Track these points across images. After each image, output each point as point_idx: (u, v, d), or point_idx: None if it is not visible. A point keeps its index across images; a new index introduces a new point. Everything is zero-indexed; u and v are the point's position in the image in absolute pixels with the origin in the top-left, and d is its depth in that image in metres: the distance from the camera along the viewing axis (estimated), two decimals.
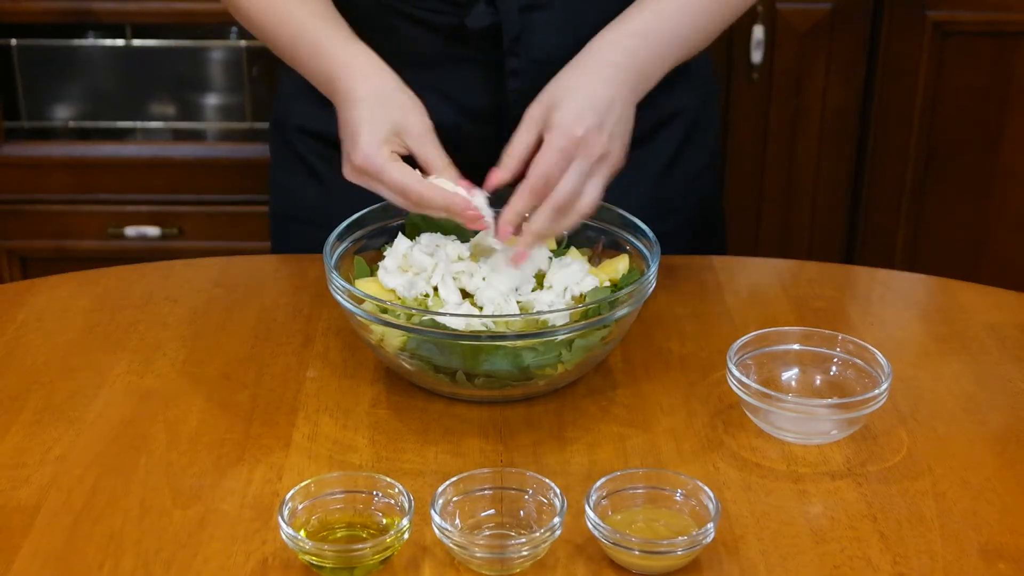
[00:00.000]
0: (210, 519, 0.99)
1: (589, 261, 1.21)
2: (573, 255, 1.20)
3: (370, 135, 1.14)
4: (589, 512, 0.93)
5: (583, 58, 1.18)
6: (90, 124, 2.48)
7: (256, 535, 0.98)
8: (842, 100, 2.35)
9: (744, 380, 1.08)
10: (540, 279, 1.17)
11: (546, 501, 0.96)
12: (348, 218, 1.21)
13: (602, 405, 1.14)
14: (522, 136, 1.15)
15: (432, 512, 0.93)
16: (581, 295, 1.15)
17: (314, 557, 0.92)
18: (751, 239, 2.46)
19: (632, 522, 0.96)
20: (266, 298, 1.32)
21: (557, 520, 0.93)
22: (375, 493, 0.97)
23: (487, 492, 0.98)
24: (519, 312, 1.11)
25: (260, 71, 2.42)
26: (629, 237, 1.22)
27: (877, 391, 1.06)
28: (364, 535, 0.96)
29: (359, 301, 1.11)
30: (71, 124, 2.48)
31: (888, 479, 1.04)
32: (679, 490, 0.98)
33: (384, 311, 1.09)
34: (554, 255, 1.20)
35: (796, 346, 1.15)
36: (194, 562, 0.95)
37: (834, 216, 2.45)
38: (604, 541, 0.93)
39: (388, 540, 0.92)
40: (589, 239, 1.23)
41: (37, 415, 1.13)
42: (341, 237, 1.20)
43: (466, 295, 1.15)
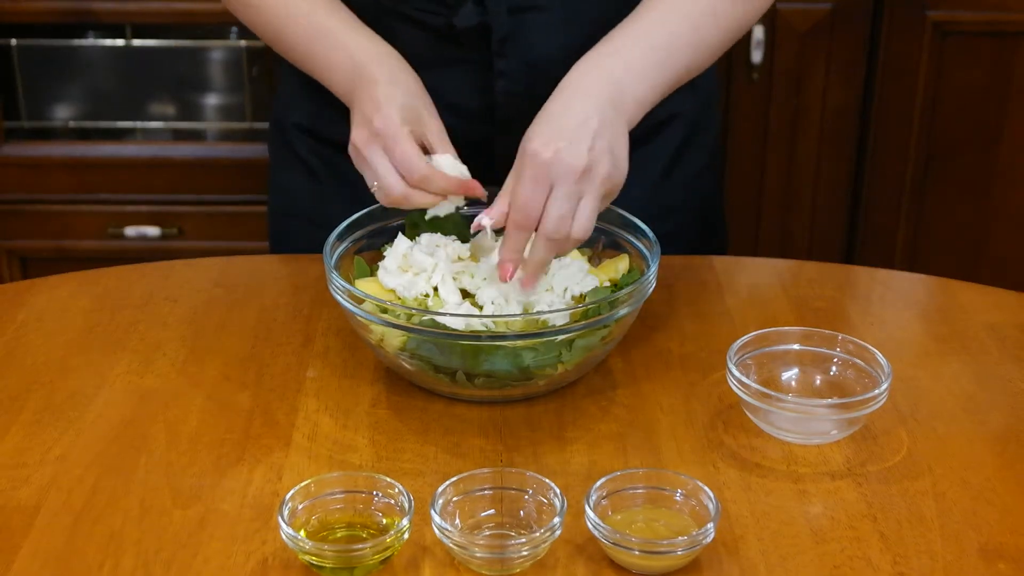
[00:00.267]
0: (210, 519, 0.99)
1: (589, 261, 1.21)
2: (573, 255, 1.20)
3: (392, 107, 1.16)
4: (589, 512, 0.93)
5: (561, 84, 1.15)
6: (90, 124, 2.48)
7: (256, 535, 0.97)
8: (842, 100, 2.35)
9: (744, 380, 1.08)
10: None
11: (546, 501, 0.96)
12: (347, 218, 1.21)
13: (602, 405, 1.14)
14: (511, 173, 1.12)
15: (432, 512, 0.93)
16: (581, 295, 1.15)
17: (314, 557, 0.92)
18: (751, 239, 2.46)
19: (632, 522, 0.96)
20: (266, 298, 1.32)
21: (557, 520, 0.93)
22: (375, 493, 0.97)
23: (487, 492, 0.98)
24: (519, 312, 1.11)
25: (260, 71, 2.42)
26: (629, 237, 1.22)
27: (877, 391, 1.06)
28: (364, 535, 0.96)
29: (359, 301, 1.11)
30: (71, 124, 2.48)
31: (888, 479, 1.04)
32: (679, 490, 0.98)
33: (384, 311, 1.09)
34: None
35: (796, 346, 1.15)
36: (194, 562, 0.95)
37: (834, 216, 2.44)
38: (604, 541, 0.93)
39: (388, 540, 0.92)
40: (589, 239, 1.23)
41: (37, 415, 1.13)
42: (341, 237, 1.20)
43: (466, 295, 1.15)
